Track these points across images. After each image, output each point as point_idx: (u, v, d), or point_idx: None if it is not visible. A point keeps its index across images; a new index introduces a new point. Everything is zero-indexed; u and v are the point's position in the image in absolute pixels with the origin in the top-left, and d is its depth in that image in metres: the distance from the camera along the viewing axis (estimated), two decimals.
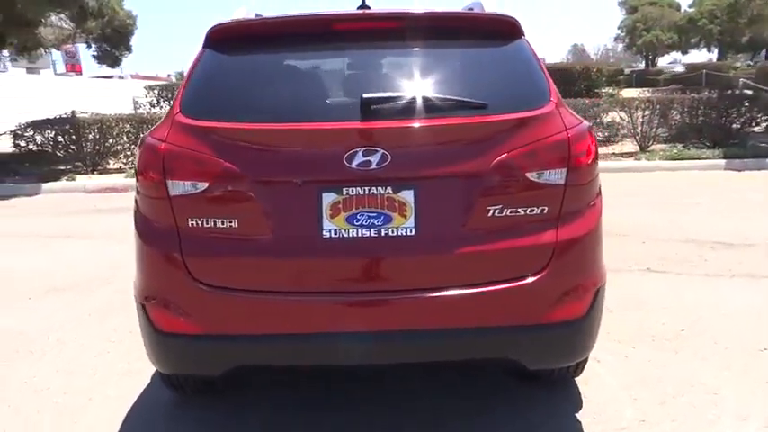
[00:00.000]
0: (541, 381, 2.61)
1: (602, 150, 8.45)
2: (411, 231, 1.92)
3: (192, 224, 1.96)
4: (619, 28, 41.94)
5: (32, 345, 3.35)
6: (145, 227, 2.06)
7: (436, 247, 1.93)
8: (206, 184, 1.94)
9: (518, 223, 1.96)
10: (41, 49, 12.49)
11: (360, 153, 1.90)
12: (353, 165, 1.89)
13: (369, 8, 2.62)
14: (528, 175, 1.96)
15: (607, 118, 10.02)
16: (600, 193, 2.21)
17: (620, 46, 47.72)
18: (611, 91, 17.55)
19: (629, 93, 15.73)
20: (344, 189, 1.92)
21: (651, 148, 9.76)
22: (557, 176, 1.99)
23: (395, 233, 1.91)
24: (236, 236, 1.94)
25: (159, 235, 2.02)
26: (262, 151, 1.95)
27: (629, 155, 9.71)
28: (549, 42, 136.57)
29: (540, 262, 1.95)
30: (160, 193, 1.98)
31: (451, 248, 1.93)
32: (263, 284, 1.93)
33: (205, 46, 2.23)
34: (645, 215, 6.04)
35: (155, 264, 2.02)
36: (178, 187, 1.96)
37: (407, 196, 1.93)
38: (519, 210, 1.96)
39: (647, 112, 9.74)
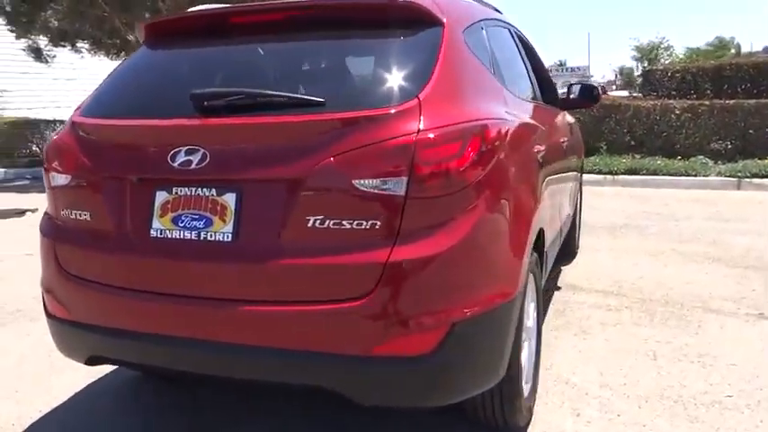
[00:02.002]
0: None
1: None
2: (228, 237, 1.79)
3: (63, 214, 2.06)
4: None
5: None
6: (44, 214, 2.22)
7: (251, 257, 1.77)
8: (69, 177, 2.02)
9: (342, 237, 1.71)
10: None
11: (183, 152, 1.82)
12: (176, 164, 1.82)
13: None
14: (355, 182, 1.69)
15: None
16: (498, 208, 1.84)
17: None
18: None
19: None
20: (174, 189, 1.86)
21: None
22: (394, 186, 1.69)
23: (213, 238, 1.80)
24: (88, 228, 2.00)
25: (46, 223, 2.16)
26: (107, 147, 1.98)
27: None
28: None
29: (366, 284, 1.69)
30: (46, 183, 2.12)
31: (266, 260, 1.75)
32: (105, 278, 1.96)
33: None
34: None
35: (43, 249, 2.16)
36: (54, 179, 2.07)
37: (229, 200, 1.80)
38: (344, 222, 1.71)
39: None
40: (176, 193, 1.85)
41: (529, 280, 2.25)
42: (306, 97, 1.78)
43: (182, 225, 1.83)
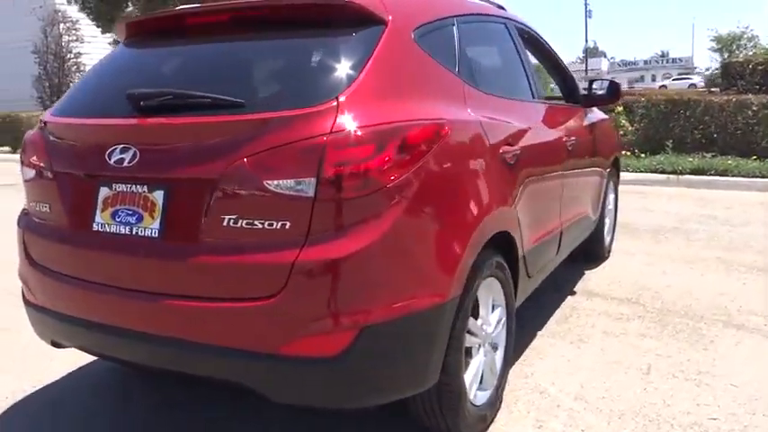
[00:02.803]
0: None
1: None
2: (155, 233, 1.85)
3: (31, 206, 2.21)
4: None
5: None
6: (22, 208, 2.38)
7: (174, 253, 1.83)
8: (34, 172, 2.15)
9: (254, 237, 1.74)
10: None
11: (118, 150, 1.90)
12: (112, 161, 1.90)
13: None
14: (266, 183, 1.71)
15: None
16: (422, 211, 1.81)
17: None
18: None
19: None
20: (113, 185, 1.94)
21: None
22: (303, 187, 1.69)
23: (143, 233, 1.87)
24: (48, 220, 2.13)
25: (21, 215, 2.32)
26: (63, 145, 2.09)
27: None
28: None
29: (275, 284, 1.70)
30: (21, 177, 2.27)
31: (186, 256, 1.81)
32: (59, 267, 2.07)
33: None
34: None
35: (18, 239, 2.31)
36: (25, 173, 2.22)
37: (158, 197, 1.86)
38: (256, 222, 1.73)
39: None
40: (115, 189, 1.93)
41: (481, 285, 2.19)
42: (225, 98, 1.81)
43: (118, 220, 1.92)
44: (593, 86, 3.97)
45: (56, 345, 2.23)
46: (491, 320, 2.37)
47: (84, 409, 2.61)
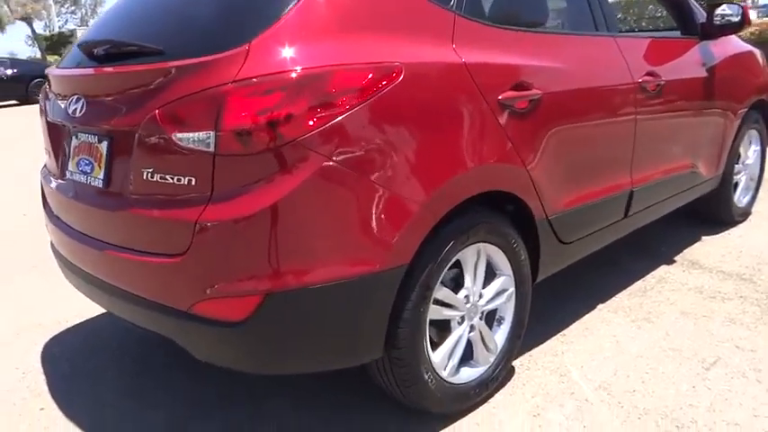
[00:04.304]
0: None
1: None
2: (100, 183, 1.88)
3: (44, 154, 2.37)
4: None
5: None
6: None
7: (111, 204, 1.84)
8: (42, 122, 2.30)
9: (167, 192, 1.68)
10: None
11: (73, 100, 1.93)
12: (69, 111, 1.95)
13: None
14: (173, 136, 1.62)
15: None
16: (347, 166, 1.62)
17: None
18: None
19: None
20: (79, 134, 1.99)
21: None
22: (203, 141, 1.58)
23: (93, 183, 1.91)
24: (48, 166, 2.27)
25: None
26: (50, 96, 2.18)
27: None
28: None
29: (183, 242, 1.64)
30: None
31: (119, 208, 1.80)
32: (56, 212, 2.21)
33: None
34: None
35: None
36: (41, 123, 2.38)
37: (103, 147, 1.87)
38: (167, 176, 1.66)
39: None
40: (80, 138, 1.99)
41: (464, 253, 1.95)
42: (146, 45, 1.73)
43: (80, 169, 1.97)
44: (717, 13, 3.23)
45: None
46: (485, 293, 2.09)
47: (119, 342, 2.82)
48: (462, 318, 2.03)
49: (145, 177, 1.71)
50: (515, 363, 2.37)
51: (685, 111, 3.05)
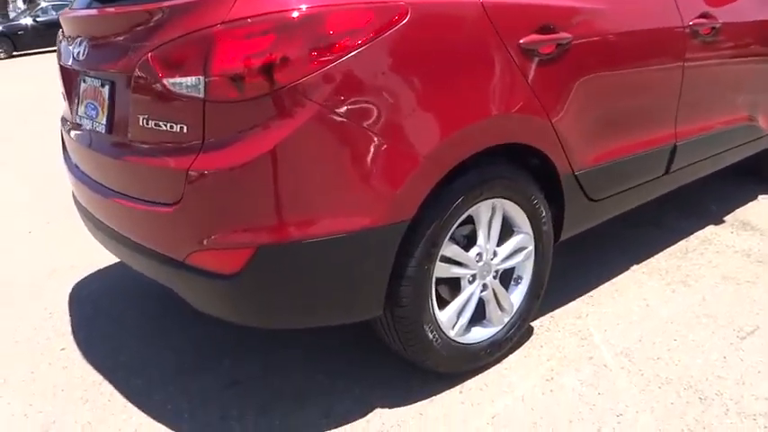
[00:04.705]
0: None
1: None
2: (103, 129, 1.85)
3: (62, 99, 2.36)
4: None
5: None
6: None
7: (114, 151, 1.81)
8: (57, 65, 2.28)
9: (162, 139, 1.63)
10: None
11: (77, 42, 1.90)
12: (75, 54, 1.91)
13: None
14: (165, 81, 1.56)
15: None
16: (345, 115, 1.53)
17: None
18: None
19: None
20: (86, 78, 1.96)
21: None
22: (192, 86, 1.51)
23: (97, 128, 1.88)
24: (64, 113, 2.26)
25: None
26: (62, 39, 2.15)
27: None
28: None
29: (176, 191, 1.59)
30: None
31: (120, 154, 1.77)
32: (71, 156, 2.21)
33: None
34: None
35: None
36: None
37: (105, 91, 1.83)
38: (161, 123, 1.61)
39: None
40: (87, 82, 1.96)
41: (477, 208, 1.85)
42: None
43: (87, 113, 1.95)
44: None
45: None
46: (500, 251, 1.99)
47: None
48: (474, 276, 1.94)
49: (141, 124, 1.67)
50: (535, 323, 2.27)
51: (745, 57, 2.78)
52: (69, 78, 2.12)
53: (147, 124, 1.65)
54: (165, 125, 1.60)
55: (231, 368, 2.10)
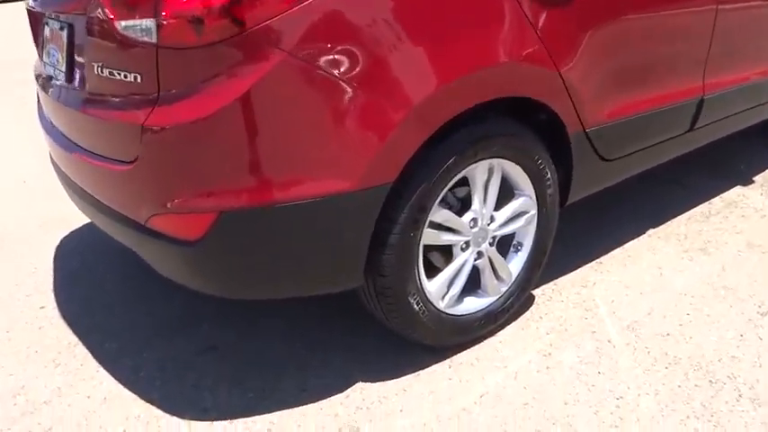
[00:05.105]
0: None
1: None
2: (63, 77, 1.70)
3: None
4: None
5: None
6: None
7: (73, 101, 1.66)
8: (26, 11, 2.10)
9: (117, 91, 1.47)
10: None
11: None
12: None
13: None
14: (116, 23, 1.39)
15: None
16: (317, 64, 1.35)
17: None
18: None
19: None
20: (49, 21, 1.79)
21: None
22: (144, 30, 1.34)
23: (59, 76, 1.73)
24: (36, 61, 2.10)
25: None
26: None
27: None
28: None
29: (133, 148, 1.45)
30: None
31: (79, 106, 1.62)
32: (42, 107, 2.06)
33: None
34: None
35: None
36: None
37: (64, 36, 1.67)
38: (115, 72, 1.45)
39: None
40: (49, 25, 1.79)
41: (473, 169, 1.67)
42: None
43: (50, 60, 1.80)
44: None
45: None
46: (498, 216, 1.82)
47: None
48: (467, 243, 1.78)
49: (96, 72, 1.51)
50: (536, 291, 2.12)
51: None
52: (36, 22, 1.95)
53: (102, 73, 1.49)
54: (120, 74, 1.44)
55: (209, 333, 1.99)
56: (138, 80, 1.40)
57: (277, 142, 1.36)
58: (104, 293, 2.26)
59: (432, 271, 1.76)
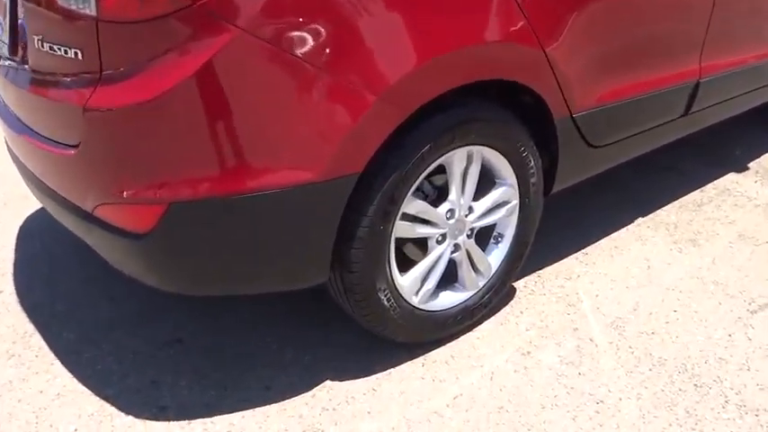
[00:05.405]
0: None
1: None
2: (6, 49, 1.56)
3: None
4: None
5: None
6: None
7: (18, 78, 1.52)
8: None
9: (58, 68, 1.34)
10: None
11: None
12: None
13: None
14: None
15: None
16: (256, 42, 1.22)
17: None
18: None
19: None
20: None
21: None
22: (83, 2, 1.21)
23: (2, 49, 1.58)
24: None
25: None
26: None
27: None
28: None
29: (75, 132, 1.33)
30: None
31: (23, 83, 1.49)
32: None
33: None
34: None
35: None
36: None
37: (7, 3, 1.52)
38: (55, 47, 1.32)
39: None
40: None
41: (449, 157, 1.55)
42: None
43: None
44: None
45: None
46: (477, 206, 1.71)
47: None
48: (443, 236, 1.67)
49: (37, 46, 1.38)
50: (518, 284, 2.03)
51: None
52: None
53: (43, 47, 1.36)
54: (60, 50, 1.31)
55: (176, 325, 1.88)
56: (79, 57, 1.27)
57: (230, 128, 1.25)
58: (67, 277, 2.14)
59: (407, 264, 1.66)
